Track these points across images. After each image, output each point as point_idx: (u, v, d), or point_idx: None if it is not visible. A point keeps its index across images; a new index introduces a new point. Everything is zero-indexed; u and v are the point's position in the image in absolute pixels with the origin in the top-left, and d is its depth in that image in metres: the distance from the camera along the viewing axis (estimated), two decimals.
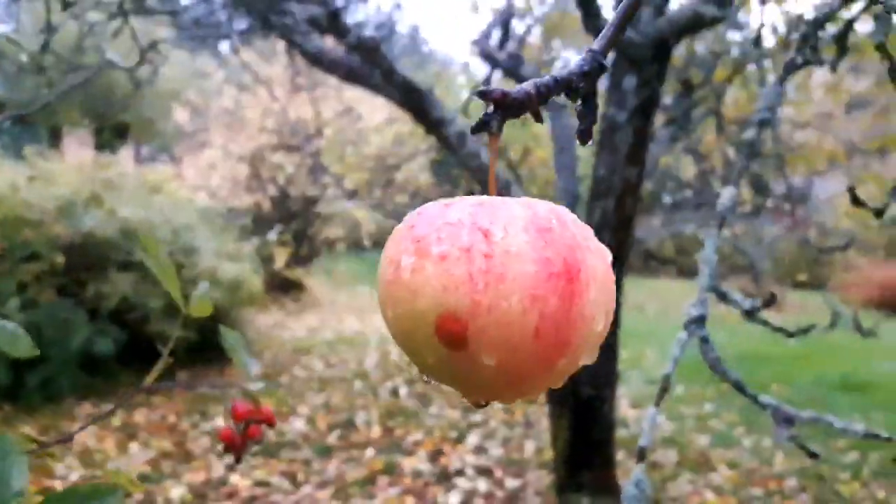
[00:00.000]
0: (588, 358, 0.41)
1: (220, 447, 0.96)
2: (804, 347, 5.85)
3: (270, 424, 0.96)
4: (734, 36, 3.98)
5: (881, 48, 1.05)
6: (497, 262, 0.37)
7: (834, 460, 3.59)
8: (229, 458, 3.35)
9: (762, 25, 1.76)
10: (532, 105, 0.43)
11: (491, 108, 0.43)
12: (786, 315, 7.43)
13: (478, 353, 0.37)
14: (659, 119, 3.60)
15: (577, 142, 0.45)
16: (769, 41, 3.05)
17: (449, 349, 0.38)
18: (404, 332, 0.40)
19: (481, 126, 0.43)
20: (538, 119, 0.45)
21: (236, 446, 0.95)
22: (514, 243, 0.37)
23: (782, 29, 3.44)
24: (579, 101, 0.44)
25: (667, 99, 3.78)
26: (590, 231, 0.41)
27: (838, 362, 5.56)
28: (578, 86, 0.44)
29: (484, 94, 0.42)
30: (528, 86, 0.43)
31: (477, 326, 0.36)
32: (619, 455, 3.47)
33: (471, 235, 0.37)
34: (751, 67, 3.63)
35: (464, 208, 0.39)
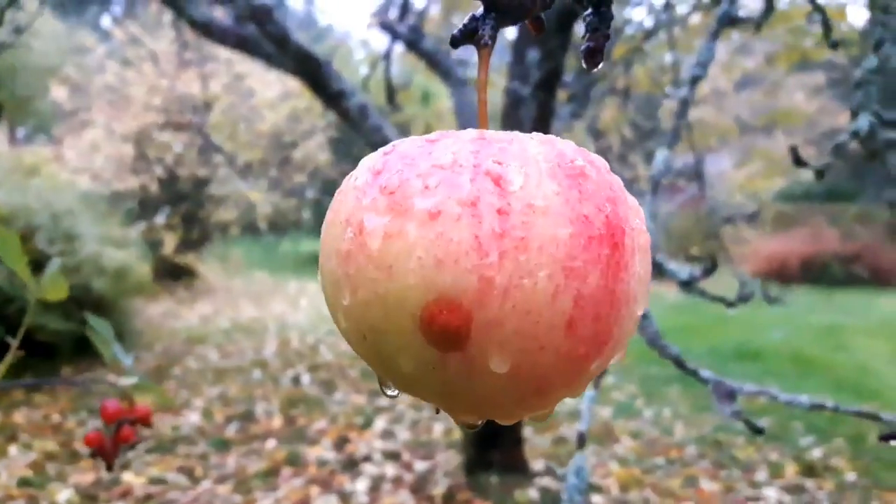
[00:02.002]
0: (620, 354, 0.31)
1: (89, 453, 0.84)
2: (697, 320, 6.07)
3: (146, 424, 0.84)
4: (632, 13, 4.02)
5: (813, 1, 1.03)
6: (517, 222, 0.26)
7: (729, 427, 3.72)
8: (127, 455, 3.17)
9: None
10: (535, 8, 0.33)
11: (481, 11, 0.33)
12: None
13: (483, 355, 0.27)
14: (559, 96, 3.59)
15: (585, 65, 0.34)
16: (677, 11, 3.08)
17: (440, 351, 0.27)
18: (369, 327, 0.29)
19: (468, 35, 0.32)
20: (539, 29, 0.34)
21: (106, 451, 0.83)
22: (540, 194, 0.27)
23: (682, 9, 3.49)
24: (589, 10, 0.34)
25: (566, 77, 3.77)
26: (619, 180, 0.31)
27: (731, 333, 5.81)
28: None
29: None
30: None
31: (486, 317, 0.26)
32: (526, 432, 3.47)
33: (476, 182, 0.27)
34: (647, 46, 3.67)
35: (458, 144, 0.28)
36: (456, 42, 0.33)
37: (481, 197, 0.26)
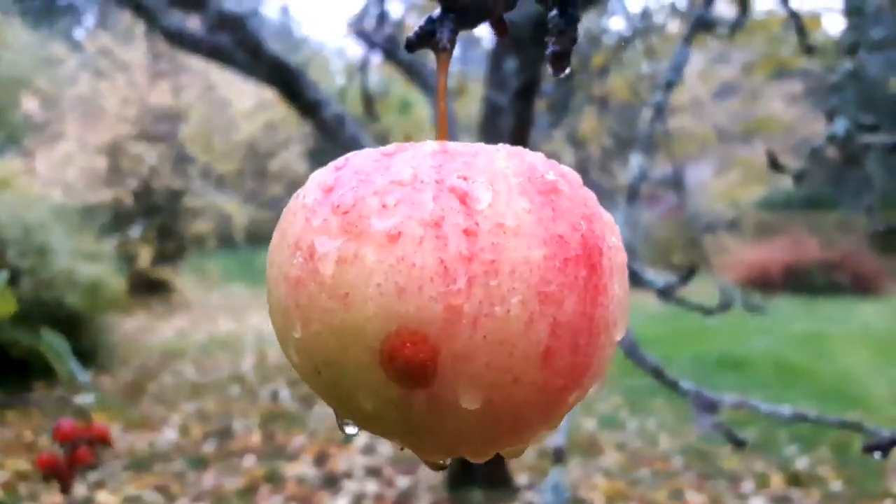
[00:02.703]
0: (598, 383, 0.28)
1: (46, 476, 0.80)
2: (680, 329, 6.06)
3: (105, 443, 0.80)
4: (609, 22, 4.02)
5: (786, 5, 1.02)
6: (486, 244, 0.24)
7: (714, 437, 3.69)
8: (95, 474, 3.09)
9: None
10: (497, 8, 0.31)
11: (439, 12, 0.30)
12: None
13: (452, 391, 0.25)
14: (538, 106, 3.57)
15: (551, 70, 0.31)
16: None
17: (404, 387, 0.25)
18: (324, 361, 0.26)
19: (424, 38, 0.30)
20: (502, 31, 0.32)
21: (61, 473, 0.78)
22: (510, 212, 0.25)
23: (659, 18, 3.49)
24: (554, 11, 0.31)
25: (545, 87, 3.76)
26: (593, 195, 0.29)
27: (714, 342, 5.79)
28: None
29: None
30: None
31: (454, 350, 0.24)
32: None
33: (440, 200, 0.25)
34: (625, 55, 3.67)
35: (418, 158, 0.26)
36: (412, 46, 0.31)
37: (446, 216, 0.24)
